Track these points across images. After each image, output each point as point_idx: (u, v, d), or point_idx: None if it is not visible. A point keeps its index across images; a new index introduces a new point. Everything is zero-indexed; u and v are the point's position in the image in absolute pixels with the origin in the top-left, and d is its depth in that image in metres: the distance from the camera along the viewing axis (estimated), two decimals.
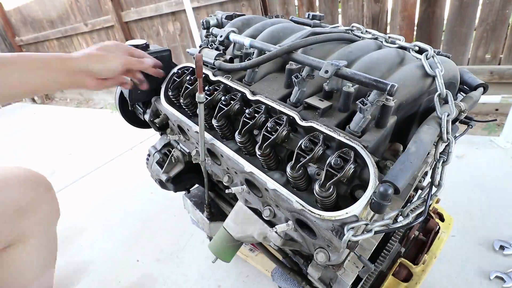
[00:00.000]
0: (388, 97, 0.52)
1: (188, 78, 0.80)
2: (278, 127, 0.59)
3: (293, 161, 0.55)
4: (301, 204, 0.54)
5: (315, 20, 0.97)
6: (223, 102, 0.68)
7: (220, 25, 1.00)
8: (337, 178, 0.49)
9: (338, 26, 0.91)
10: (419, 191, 0.78)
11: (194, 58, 0.71)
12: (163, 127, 0.98)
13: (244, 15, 1.00)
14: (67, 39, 4.49)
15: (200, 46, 0.87)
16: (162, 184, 1.08)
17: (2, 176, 0.80)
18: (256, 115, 0.64)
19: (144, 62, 0.76)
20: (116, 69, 0.71)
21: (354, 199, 0.52)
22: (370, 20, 2.22)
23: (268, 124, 0.60)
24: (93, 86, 0.72)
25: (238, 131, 0.64)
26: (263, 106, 0.65)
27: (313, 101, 0.62)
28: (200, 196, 1.11)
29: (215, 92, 0.74)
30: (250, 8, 2.67)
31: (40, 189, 0.85)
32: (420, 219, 0.52)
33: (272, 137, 0.58)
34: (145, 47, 0.91)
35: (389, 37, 0.76)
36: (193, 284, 1.24)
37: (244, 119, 0.64)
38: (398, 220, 0.51)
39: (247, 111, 0.65)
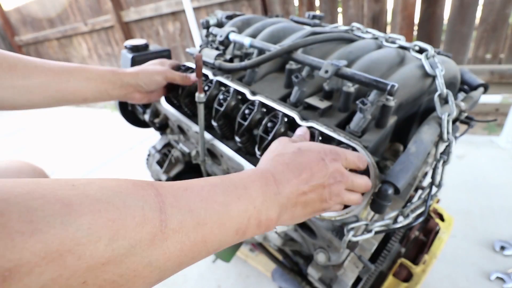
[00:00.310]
0: (388, 97, 0.52)
1: None
2: (276, 125, 0.59)
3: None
4: None
5: (315, 20, 0.97)
6: (221, 102, 0.68)
7: (220, 25, 1.00)
8: None
9: (338, 26, 0.91)
10: (420, 191, 0.78)
11: (194, 58, 0.71)
12: (163, 127, 0.98)
13: (244, 15, 1.00)
14: (66, 39, 4.50)
15: (200, 46, 0.87)
16: None
17: None
18: (251, 113, 0.63)
19: (190, 79, 0.77)
20: (161, 82, 0.76)
21: None
22: (370, 20, 2.22)
23: (268, 124, 0.60)
24: (139, 99, 0.76)
25: (235, 132, 0.64)
26: (256, 105, 0.63)
27: (313, 101, 0.62)
28: None
29: (214, 92, 0.73)
30: (250, 8, 2.67)
31: None
32: (421, 219, 0.52)
33: (272, 133, 0.58)
34: (145, 47, 0.91)
35: (389, 37, 0.76)
36: (193, 284, 1.24)
37: (239, 120, 0.63)
38: (399, 220, 0.51)
39: (241, 111, 0.63)
